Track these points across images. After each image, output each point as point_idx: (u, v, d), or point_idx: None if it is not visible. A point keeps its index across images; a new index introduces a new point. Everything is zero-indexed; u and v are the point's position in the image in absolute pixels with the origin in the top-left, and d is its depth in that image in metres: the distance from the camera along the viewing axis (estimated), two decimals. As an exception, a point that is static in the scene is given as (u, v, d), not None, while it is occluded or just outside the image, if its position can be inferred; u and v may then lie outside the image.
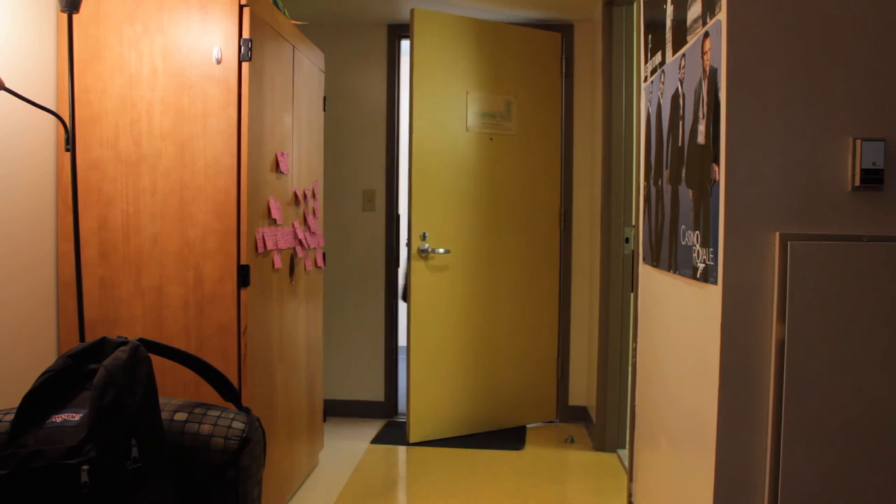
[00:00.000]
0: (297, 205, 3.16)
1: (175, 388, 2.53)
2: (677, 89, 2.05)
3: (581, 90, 4.49)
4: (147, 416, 1.64)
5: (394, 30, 4.54)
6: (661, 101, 2.26)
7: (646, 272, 2.52)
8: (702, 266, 1.79)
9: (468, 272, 4.25)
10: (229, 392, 1.88)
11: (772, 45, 1.62)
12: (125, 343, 1.69)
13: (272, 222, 2.81)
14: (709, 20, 1.76)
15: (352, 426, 4.41)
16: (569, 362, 4.54)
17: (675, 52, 2.11)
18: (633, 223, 3.82)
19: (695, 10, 1.88)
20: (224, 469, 1.71)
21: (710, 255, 1.71)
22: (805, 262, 1.60)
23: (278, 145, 2.89)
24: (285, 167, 2.95)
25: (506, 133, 4.33)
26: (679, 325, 2.05)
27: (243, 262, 2.53)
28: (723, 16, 1.65)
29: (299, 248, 3.18)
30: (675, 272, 2.06)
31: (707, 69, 1.76)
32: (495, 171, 4.31)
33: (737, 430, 1.65)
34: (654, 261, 2.34)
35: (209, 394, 2.45)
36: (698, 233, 1.82)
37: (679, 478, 2.02)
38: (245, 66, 2.51)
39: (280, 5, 3.07)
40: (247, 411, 1.83)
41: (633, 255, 3.01)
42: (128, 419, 1.58)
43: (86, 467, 1.49)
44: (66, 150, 2.49)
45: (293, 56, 3.08)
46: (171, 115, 2.52)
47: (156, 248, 2.54)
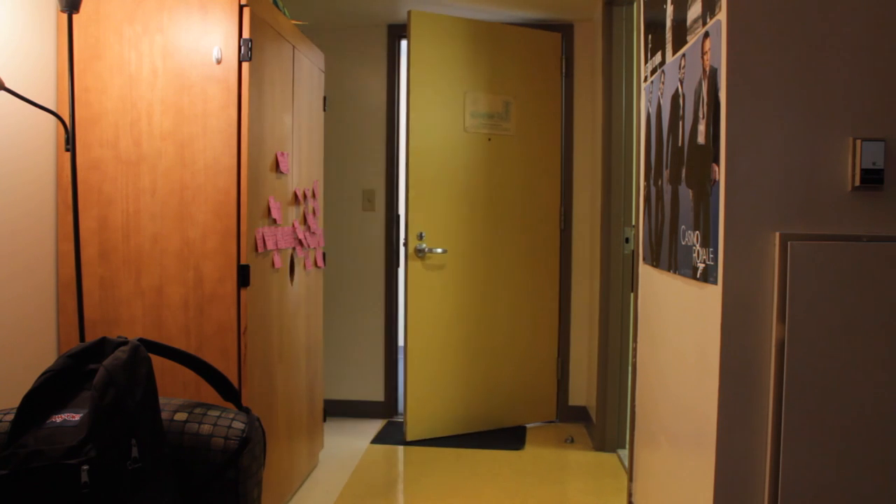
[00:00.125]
0: (297, 205, 3.16)
1: (175, 388, 2.53)
2: (677, 89, 2.05)
3: (581, 90, 4.49)
4: (147, 416, 1.64)
5: (394, 30, 4.54)
6: (661, 101, 2.26)
7: (646, 272, 2.52)
8: (702, 266, 1.79)
9: (465, 272, 4.25)
10: (229, 392, 1.88)
11: (772, 45, 1.62)
12: (125, 343, 1.69)
13: (272, 222, 2.81)
14: (709, 20, 1.76)
15: (352, 426, 4.41)
16: (569, 362, 4.54)
17: (675, 52, 2.11)
18: (633, 223, 3.82)
19: (695, 10, 1.88)
20: (224, 469, 1.71)
21: (710, 255, 1.71)
22: (805, 262, 1.60)
23: (278, 145, 2.89)
24: (285, 167, 2.95)
25: (504, 133, 4.32)
26: (679, 326, 2.05)
27: (243, 262, 2.53)
28: (723, 16, 1.65)
29: (299, 248, 3.18)
30: (675, 272, 2.06)
31: (707, 69, 1.76)
32: (494, 172, 4.31)
33: (737, 430, 1.65)
34: (654, 261, 2.34)
35: (209, 394, 2.45)
36: (698, 233, 1.82)
37: (679, 478, 2.02)
38: (245, 66, 2.51)
39: (280, 5, 3.07)
40: (247, 411, 1.83)
41: (633, 255, 3.01)
42: (128, 419, 1.58)
43: (86, 467, 1.50)
44: (66, 150, 2.49)
45: (293, 56, 3.08)
46: (171, 115, 2.52)
47: (156, 248, 2.54)
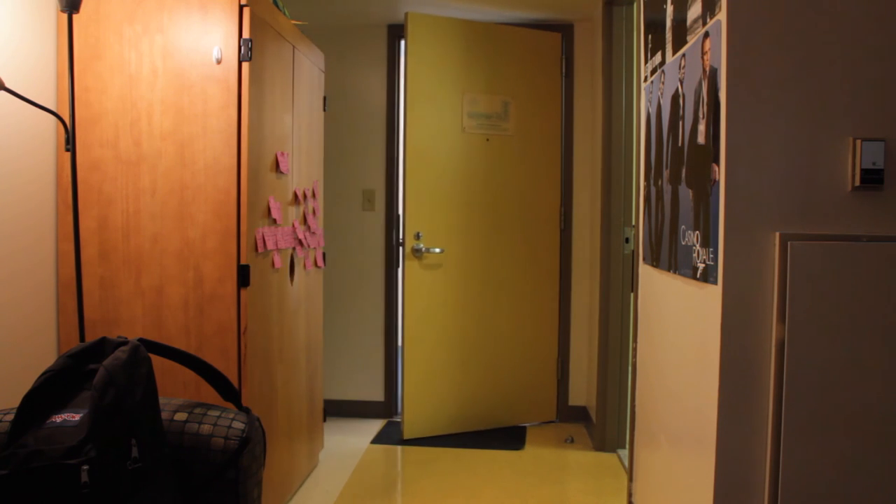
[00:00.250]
0: (297, 205, 3.16)
1: (175, 388, 2.53)
2: (677, 89, 2.05)
3: (581, 90, 4.49)
4: (147, 416, 1.64)
5: (394, 30, 4.54)
6: (661, 102, 2.26)
7: (646, 272, 2.52)
8: (702, 266, 1.79)
9: (463, 271, 4.26)
10: (229, 392, 1.88)
11: (772, 45, 1.62)
12: (125, 343, 1.69)
13: (272, 222, 2.81)
14: (709, 20, 1.76)
15: (352, 426, 4.41)
16: (569, 362, 4.54)
17: (675, 52, 2.11)
18: (633, 223, 3.82)
19: (695, 11, 1.88)
20: (224, 469, 1.71)
21: (710, 255, 1.71)
22: (805, 262, 1.60)
23: (278, 145, 2.89)
24: (285, 167, 2.95)
25: (503, 133, 4.33)
26: (679, 325, 2.05)
27: (243, 262, 2.53)
28: (723, 16, 1.65)
29: (299, 248, 3.18)
30: (675, 272, 2.06)
31: (707, 69, 1.76)
32: (492, 172, 4.31)
33: (737, 430, 1.65)
34: (654, 261, 2.34)
35: (209, 394, 2.45)
36: (698, 233, 1.82)
37: (679, 478, 2.02)
38: (245, 66, 2.51)
39: (280, 5, 3.07)
40: (247, 411, 1.83)
41: (633, 255, 3.01)
42: (128, 419, 1.58)
43: (86, 467, 1.49)
44: (66, 150, 2.49)
45: (293, 56, 3.08)
46: (171, 115, 2.52)
47: (156, 248, 2.54)
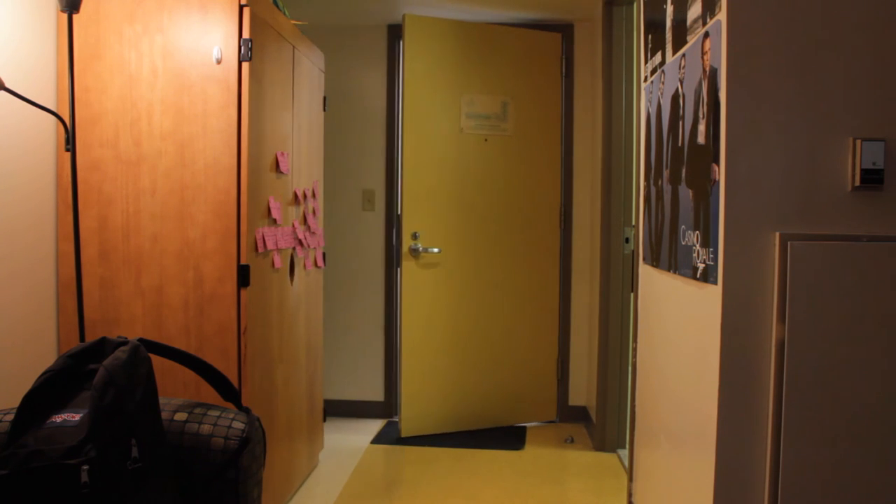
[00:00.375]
0: (297, 205, 3.16)
1: (175, 388, 2.53)
2: (677, 89, 2.05)
3: (581, 90, 4.49)
4: (147, 416, 1.64)
5: (394, 30, 4.54)
6: (661, 101, 2.26)
7: (646, 272, 2.52)
8: (702, 266, 1.79)
9: (462, 272, 4.27)
10: (229, 392, 1.88)
11: (772, 45, 1.62)
12: (125, 343, 1.69)
13: (272, 222, 2.81)
14: (709, 20, 1.76)
15: (352, 426, 4.41)
16: (569, 362, 4.54)
17: (675, 52, 2.11)
18: (633, 223, 3.82)
19: (695, 10, 1.88)
20: (224, 469, 1.71)
21: (710, 255, 1.71)
22: (805, 262, 1.60)
23: (278, 145, 2.89)
24: (285, 167, 2.95)
25: (502, 134, 4.33)
26: (679, 326, 2.05)
27: (243, 262, 2.53)
28: (723, 16, 1.65)
29: (299, 248, 3.18)
30: (675, 272, 2.06)
31: (707, 69, 1.76)
32: (491, 172, 4.32)
33: (737, 430, 1.65)
34: (654, 261, 2.34)
35: (209, 394, 2.45)
36: (698, 233, 1.82)
37: (679, 478, 2.02)
38: (245, 66, 2.51)
39: (280, 5, 3.07)
40: (247, 411, 1.83)
41: (633, 255, 3.01)
42: (128, 419, 1.58)
43: (86, 467, 1.49)
44: (66, 150, 2.49)
45: (293, 56, 3.08)
46: (171, 115, 2.52)
47: (156, 248, 2.54)
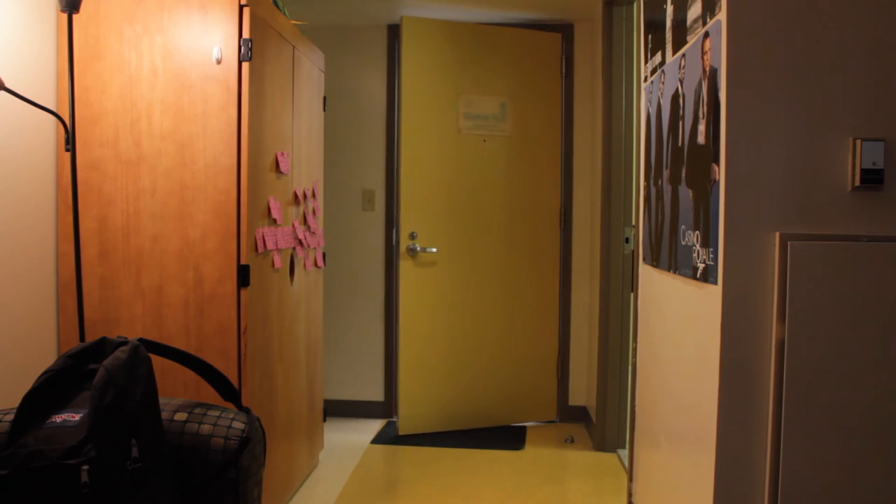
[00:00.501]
0: (297, 205, 3.16)
1: (175, 388, 2.53)
2: (677, 89, 2.05)
3: (581, 90, 4.49)
4: (147, 416, 1.64)
5: (394, 30, 4.54)
6: (661, 101, 2.26)
7: (646, 272, 2.52)
8: (702, 266, 1.79)
9: (459, 271, 4.28)
10: (229, 392, 1.88)
11: (772, 45, 1.62)
12: (125, 343, 1.69)
13: (272, 222, 2.81)
14: (709, 20, 1.76)
15: (352, 426, 4.41)
16: (569, 362, 4.54)
17: (675, 52, 2.11)
18: (633, 223, 3.82)
19: (695, 10, 1.88)
20: (224, 469, 1.71)
21: (710, 255, 1.71)
22: (805, 262, 1.60)
23: (278, 145, 2.89)
24: (285, 167, 2.95)
25: (500, 134, 4.34)
26: (679, 325, 2.05)
27: (243, 262, 2.53)
28: (723, 16, 1.65)
29: (299, 248, 3.18)
30: (675, 272, 2.06)
31: (707, 69, 1.76)
32: (489, 172, 4.33)
33: (737, 430, 1.65)
34: (654, 261, 2.34)
35: (209, 394, 2.45)
36: (698, 233, 1.82)
37: (679, 478, 2.02)
38: (245, 66, 2.51)
39: (280, 5, 3.07)
40: (247, 411, 1.83)
41: (633, 255, 3.01)
42: (128, 419, 1.58)
43: (86, 467, 1.49)
44: (66, 150, 2.49)
45: (293, 56, 3.08)
46: (171, 115, 2.52)
47: (156, 248, 2.54)
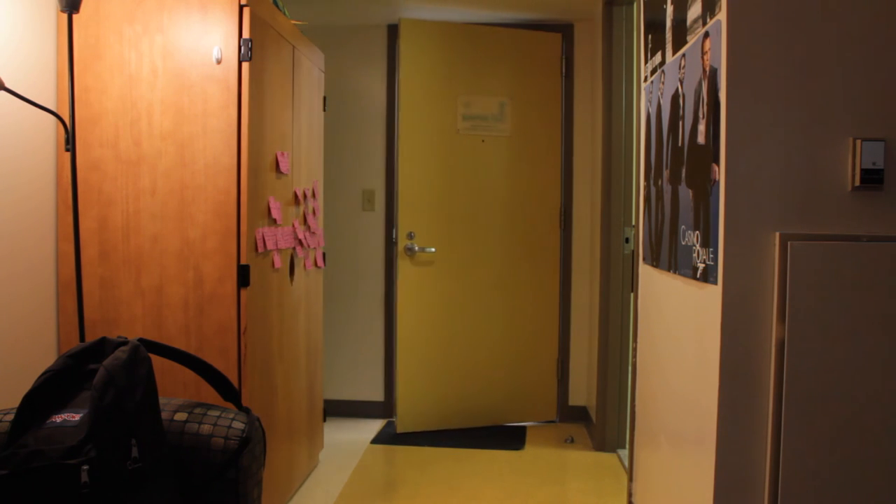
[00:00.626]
0: (297, 205, 3.16)
1: (175, 388, 2.53)
2: (677, 89, 2.05)
3: (581, 90, 4.49)
4: (147, 416, 1.64)
5: (394, 30, 4.53)
6: (661, 102, 2.26)
7: (646, 272, 2.52)
8: (702, 266, 1.79)
9: (458, 271, 4.29)
10: (229, 392, 1.88)
11: (772, 45, 1.62)
12: (125, 343, 1.69)
13: (272, 222, 2.81)
14: (709, 20, 1.76)
15: (352, 426, 4.41)
16: (569, 362, 4.54)
17: (675, 52, 2.11)
18: (633, 223, 3.82)
19: (695, 10, 1.88)
20: (224, 469, 1.72)
21: (710, 255, 1.71)
22: (805, 262, 1.60)
23: (278, 145, 2.89)
24: (285, 167, 2.95)
25: (499, 134, 4.34)
26: (679, 325, 2.05)
27: (243, 262, 2.53)
28: (723, 16, 1.65)
29: (299, 248, 3.18)
30: (675, 272, 2.06)
31: (707, 69, 1.76)
32: (489, 172, 4.33)
33: (737, 430, 1.65)
34: (654, 261, 2.34)
35: (209, 394, 2.45)
36: (698, 233, 1.82)
37: (679, 478, 2.02)
38: (245, 66, 2.51)
39: (280, 5, 3.07)
40: (247, 411, 1.83)
41: (633, 255, 3.01)
42: (128, 419, 1.58)
43: (86, 467, 1.50)
44: (66, 150, 2.49)
45: (293, 56, 3.08)
46: (171, 115, 2.52)
47: (156, 248, 2.54)
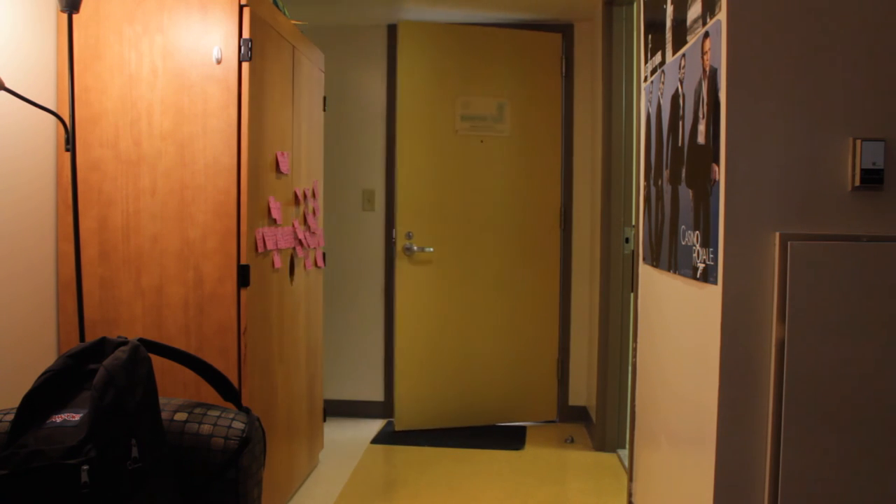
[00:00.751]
0: (297, 205, 3.16)
1: (175, 388, 2.53)
2: (677, 89, 2.05)
3: (581, 90, 4.49)
4: (147, 416, 1.64)
5: (393, 30, 4.53)
6: (661, 102, 2.26)
7: (646, 272, 2.52)
8: (702, 266, 1.79)
9: (457, 270, 4.29)
10: (229, 392, 1.88)
11: (772, 45, 1.62)
12: (125, 343, 1.69)
13: (272, 222, 2.81)
14: (709, 20, 1.76)
15: (352, 426, 4.41)
16: (569, 362, 4.54)
17: (675, 52, 2.11)
18: (633, 223, 3.82)
19: (695, 10, 1.88)
20: (224, 469, 1.72)
21: (710, 255, 1.71)
22: (805, 262, 1.60)
23: (278, 145, 2.89)
24: (285, 167, 2.95)
25: (498, 135, 4.34)
26: (679, 325, 2.05)
27: (243, 262, 2.53)
28: (723, 16, 1.65)
29: (299, 248, 3.18)
30: (675, 272, 2.06)
31: (707, 69, 1.76)
32: (487, 173, 4.34)
33: (737, 430, 1.65)
34: (654, 261, 2.34)
35: (209, 394, 2.45)
36: (698, 233, 1.82)
37: (679, 478, 2.02)
38: (245, 66, 2.51)
39: (280, 5, 3.07)
40: (247, 411, 1.84)
41: (633, 255, 3.01)
42: (128, 419, 1.58)
43: (86, 467, 1.50)
44: (66, 150, 2.49)
45: (293, 56, 3.08)
46: (171, 115, 2.52)
47: (156, 248, 2.54)
